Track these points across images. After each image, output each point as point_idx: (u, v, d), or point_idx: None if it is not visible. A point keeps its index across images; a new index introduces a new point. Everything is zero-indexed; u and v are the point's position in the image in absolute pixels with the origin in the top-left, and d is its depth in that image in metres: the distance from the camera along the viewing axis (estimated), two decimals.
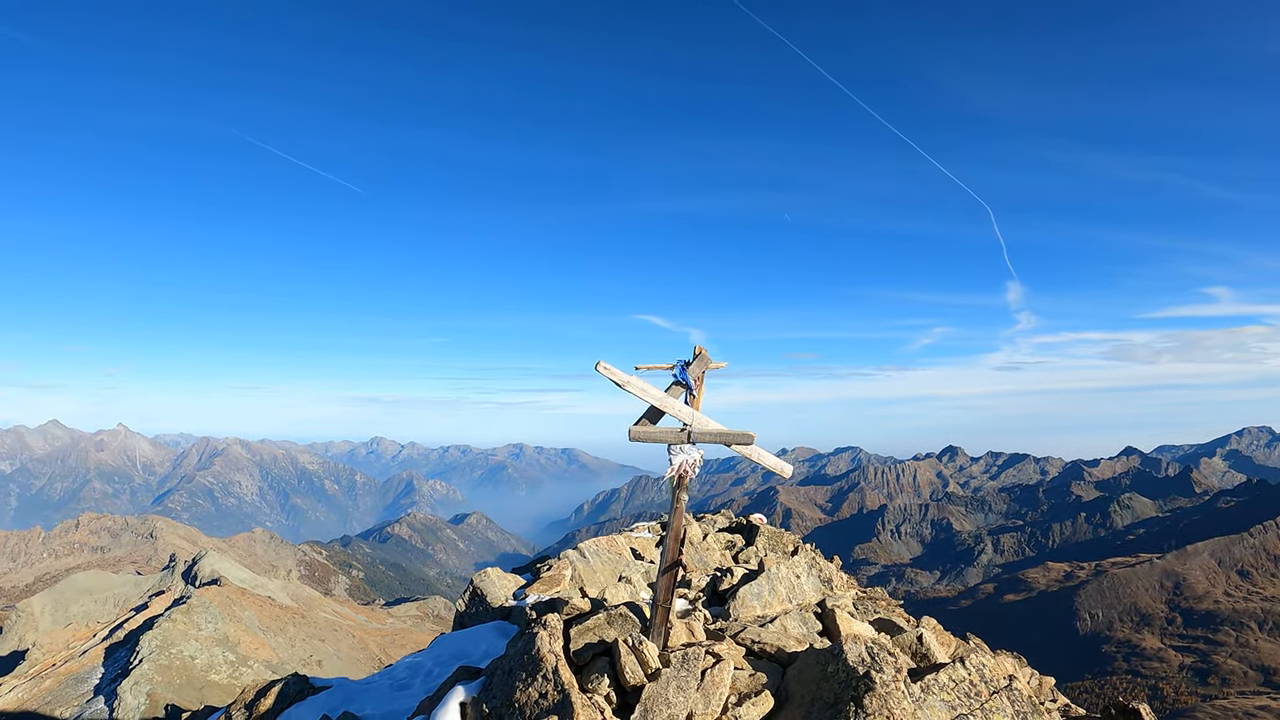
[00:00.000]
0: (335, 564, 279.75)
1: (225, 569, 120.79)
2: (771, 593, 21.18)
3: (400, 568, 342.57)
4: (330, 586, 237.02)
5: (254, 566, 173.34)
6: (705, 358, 15.81)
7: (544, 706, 13.37)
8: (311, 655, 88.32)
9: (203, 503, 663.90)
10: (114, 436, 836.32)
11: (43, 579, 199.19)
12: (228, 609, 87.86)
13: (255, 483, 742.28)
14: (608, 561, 31.89)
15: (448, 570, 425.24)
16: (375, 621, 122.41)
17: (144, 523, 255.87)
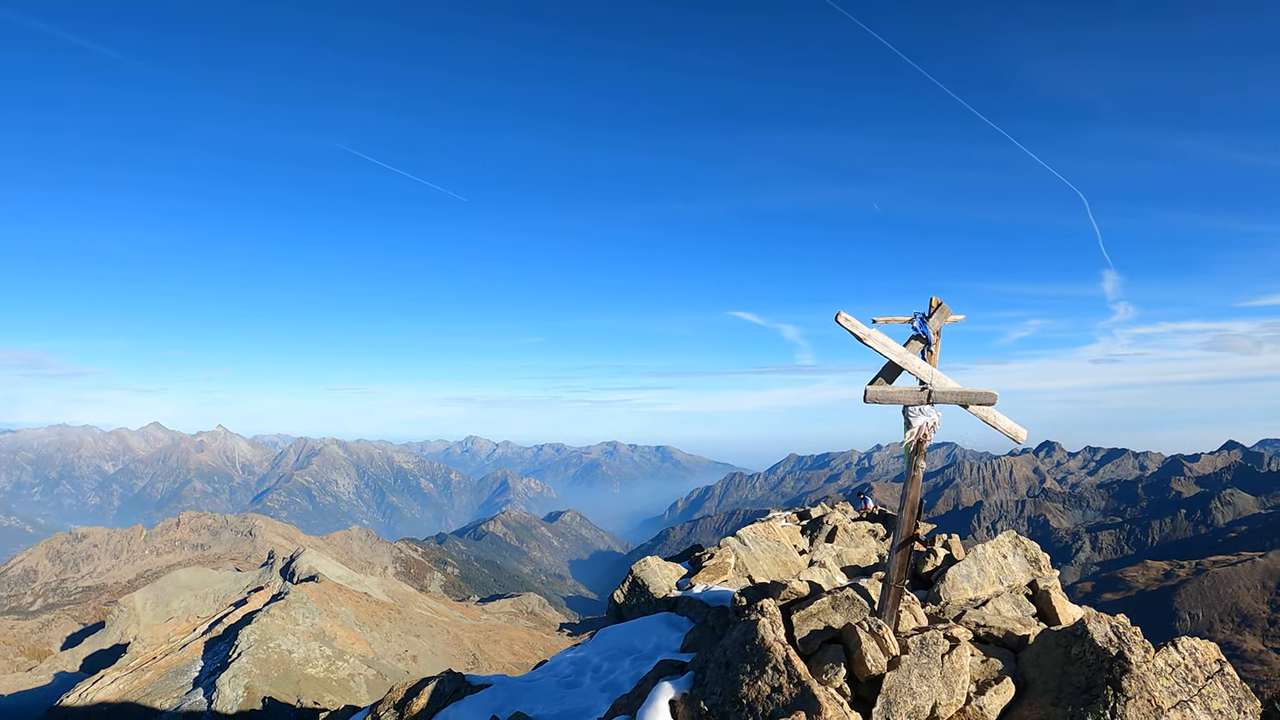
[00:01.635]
0: (430, 561, 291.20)
1: (322, 566, 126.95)
2: (981, 574, 20.94)
3: (495, 565, 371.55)
4: (425, 583, 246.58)
5: (350, 563, 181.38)
6: (944, 310, 15.21)
7: (780, 702, 12.67)
8: (406, 650, 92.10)
9: (300, 501, 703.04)
10: (214, 438, 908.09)
11: (144, 575, 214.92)
12: (325, 604, 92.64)
13: (352, 482, 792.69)
14: (767, 549, 32.84)
15: (542, 567, 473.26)
16: (470, 617, 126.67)
17: (243, 521, 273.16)
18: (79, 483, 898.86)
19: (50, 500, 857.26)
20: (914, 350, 14.72)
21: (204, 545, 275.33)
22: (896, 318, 14.88)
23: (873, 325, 14.19)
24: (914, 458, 14.96)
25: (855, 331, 13.98)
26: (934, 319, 15.04)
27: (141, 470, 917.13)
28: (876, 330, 14.16)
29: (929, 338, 14.87)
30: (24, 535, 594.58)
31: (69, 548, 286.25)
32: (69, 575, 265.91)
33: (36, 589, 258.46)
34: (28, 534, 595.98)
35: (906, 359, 14.42)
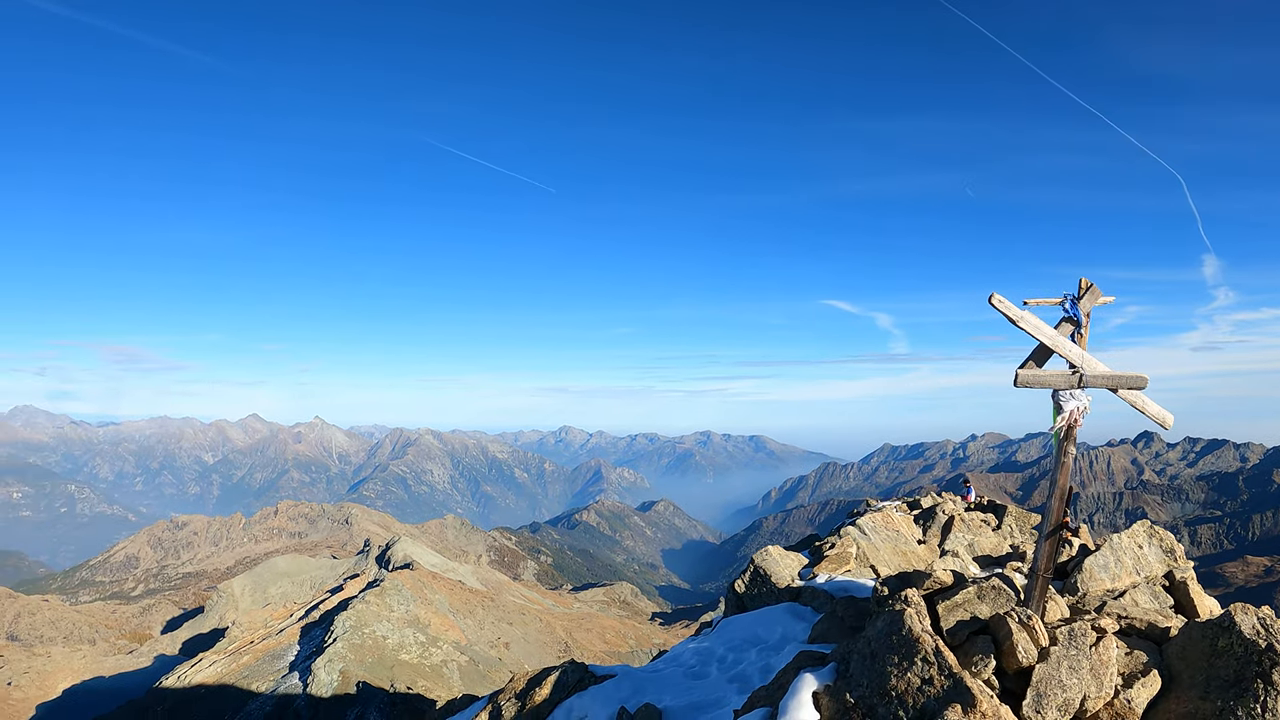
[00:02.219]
0: (524, 549, 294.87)
1: (417, 554, 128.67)
2: (1118, 564, 20.49)
3: (588, 554, 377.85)
4: (519, 571, 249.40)
5: (445, 552, 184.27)
6: (1095, 292, 15.14)
7: (930, 694, 12.42)
8: (499, 637, 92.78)
9: (396, 490, 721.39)
10: (311, 429, 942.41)
11: (243, 562, 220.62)
12: (419, 592, 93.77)
13: (447, 471, 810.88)
14: (887, 539, 32.82)
15: (634, 556, 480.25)
16: (562, 606, 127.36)
17: (340, 510, 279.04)
18: (179, 473, 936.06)
19: (152, 490, 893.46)
20: (1064, 333, 14.67)
21: (301, 533, 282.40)
22: (1047, 299, 14.87)
23: (1024, 307, 14.19)
24: (1064, 444, 14.75)
25: (1008, 314, 13.98)
26: (1084, 301, 14.92)
27: (240, 461, 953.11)
28: (1028, 313, 14.16)
29: (1080, 319, 14.79)
30: (126, 523, 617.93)
31: (170, 535, 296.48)
32: (169, 562, 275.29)
33: (138, 575, 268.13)
34: (130, 522, 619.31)
35: (1058, 342, 14.36)
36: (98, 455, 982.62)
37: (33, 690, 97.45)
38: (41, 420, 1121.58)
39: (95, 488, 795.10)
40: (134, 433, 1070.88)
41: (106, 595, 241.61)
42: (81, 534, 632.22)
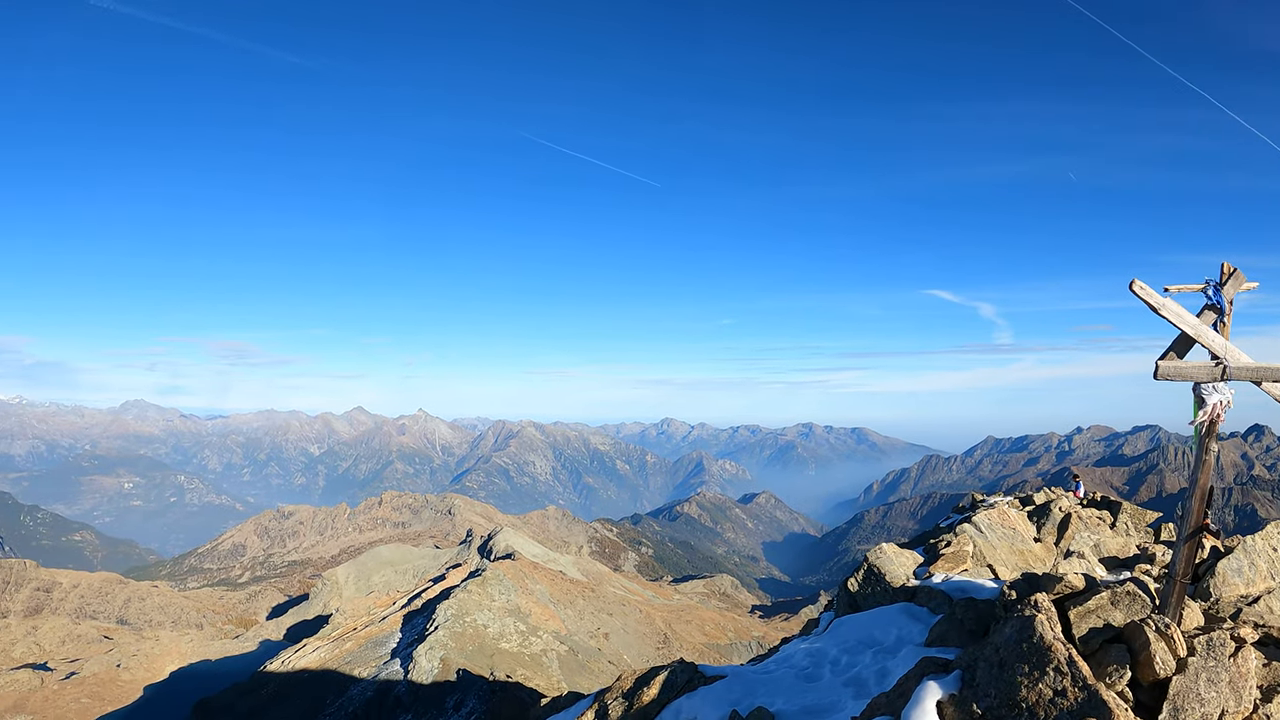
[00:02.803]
0: (625, 541, 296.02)
1: (519, 544, 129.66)
2: (1251, 568, 19.78)
3: (689, 545, 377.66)
4: (620, 563, 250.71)
5: (546, 542, 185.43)
6: (1239, 277, 14.42)
7: (1064, 707, 11.83)
8: (599, 628, 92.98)
9: (498, 482, 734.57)
10: (414, 421, 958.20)
11: (347, 551, 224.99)
12: (520, 581, 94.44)
13: (549, 463, 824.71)
14: (1003, 537, 32.18)
15: (735, 549, 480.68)
16: (662, 597, 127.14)
17: (442, 500, 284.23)
18: (286, 464, 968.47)
19: (259, 480, 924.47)
20: (1207, 321, 13.98)
21: (404, 523, 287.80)
22: (1189, 285, 14.25)
23: (1165, 294, 13.65)
24: (1205, 440, 14.14)
25: (1149, 301, 13.50)
26: (1228, 287, 14.21)
27: (345, 452, 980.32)
28: (1171, 300, 13.61)
29: (1223, 307, 14.11)
30: (234, 513, 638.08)
31: (276, 524, 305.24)
32: (275, 550, 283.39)
33: (245, 562, 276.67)
34: (237, 512, 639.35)
35: (1201, 332, 13.74)
36: (206, 447, 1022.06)
37: (140, 672, 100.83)
38: (152, 414, 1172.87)
39: (204, 478, 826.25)
40: (241, 425, 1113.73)
41: (214, 582, 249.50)
42: (190, 523, 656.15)
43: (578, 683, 79.04)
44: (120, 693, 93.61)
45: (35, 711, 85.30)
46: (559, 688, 74.83)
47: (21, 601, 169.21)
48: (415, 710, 74.80)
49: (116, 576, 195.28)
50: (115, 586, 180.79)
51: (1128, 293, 13.34)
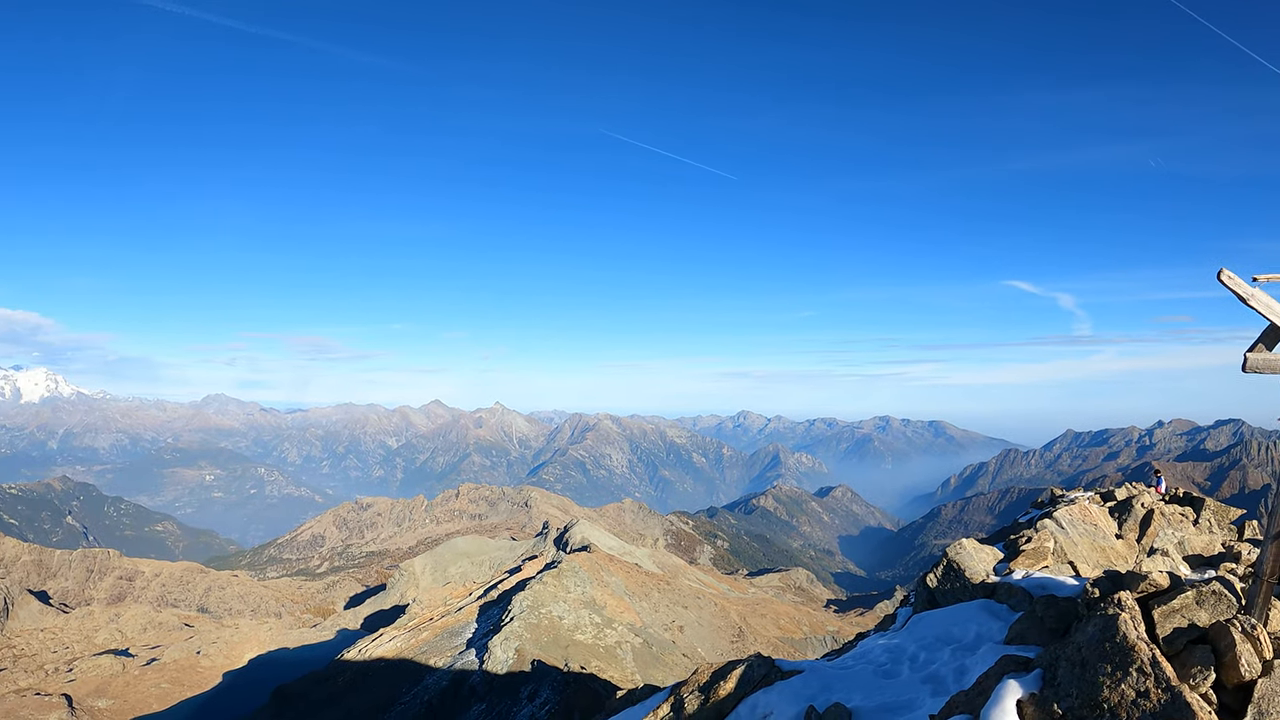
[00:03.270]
0: (701, 534, 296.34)
1: (595, 536, 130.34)
2: None
3: (764, 539, 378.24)
4: (695, 555, 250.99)
5: (622, 535, 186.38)
6: None
7: (1146, 709, 11.52)
8: (674, 621, 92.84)
9: (575, 474, 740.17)
10: (491, 414, 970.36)
11: (424, 542, 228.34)
12: (596, 574, 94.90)
13: (625, 456, 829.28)
14: (1084, 533, 31.77)
15: (811, 542, 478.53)
16: (737, 591, 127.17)
17: (519, 493, 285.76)
18: (364, 456, 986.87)
19: (338, 473, 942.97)
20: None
21: (481, 515, 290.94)
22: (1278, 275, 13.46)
23: (1254, 284, 13.15)
24: None
25: (1238, 291, 13.05)
26: None
27: (423, 445, 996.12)
28: (1260, 290, 13.15)
29: None
30: (313, 504, 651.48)
31: (354, 516, 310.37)
32: (354, 541, 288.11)
33: (323, 553, 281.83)
34: (316, 503, 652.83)
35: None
36: (286, 440, 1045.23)
37: (220, 659, 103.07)
38: (233, 408, 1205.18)
39: (283, 471, 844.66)
40: (321, 418, 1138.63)
41: (293, 572, 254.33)
42: (270, 514, 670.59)
43: (651, 675, 79.11)
44: (200, 679, 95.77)
45: (117, 696, 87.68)
46: (633, 680, 74.96)
47: (105, 590, 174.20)
48: (490, 700, 75.44)
49: (197, 566, 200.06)
50: (196, 576, 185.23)
51: (1209, 282, 12.88)
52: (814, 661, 22.58)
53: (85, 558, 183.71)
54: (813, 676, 19.72)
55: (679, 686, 22.44)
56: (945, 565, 26.41)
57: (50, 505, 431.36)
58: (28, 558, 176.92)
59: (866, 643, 23.68)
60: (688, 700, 21.08)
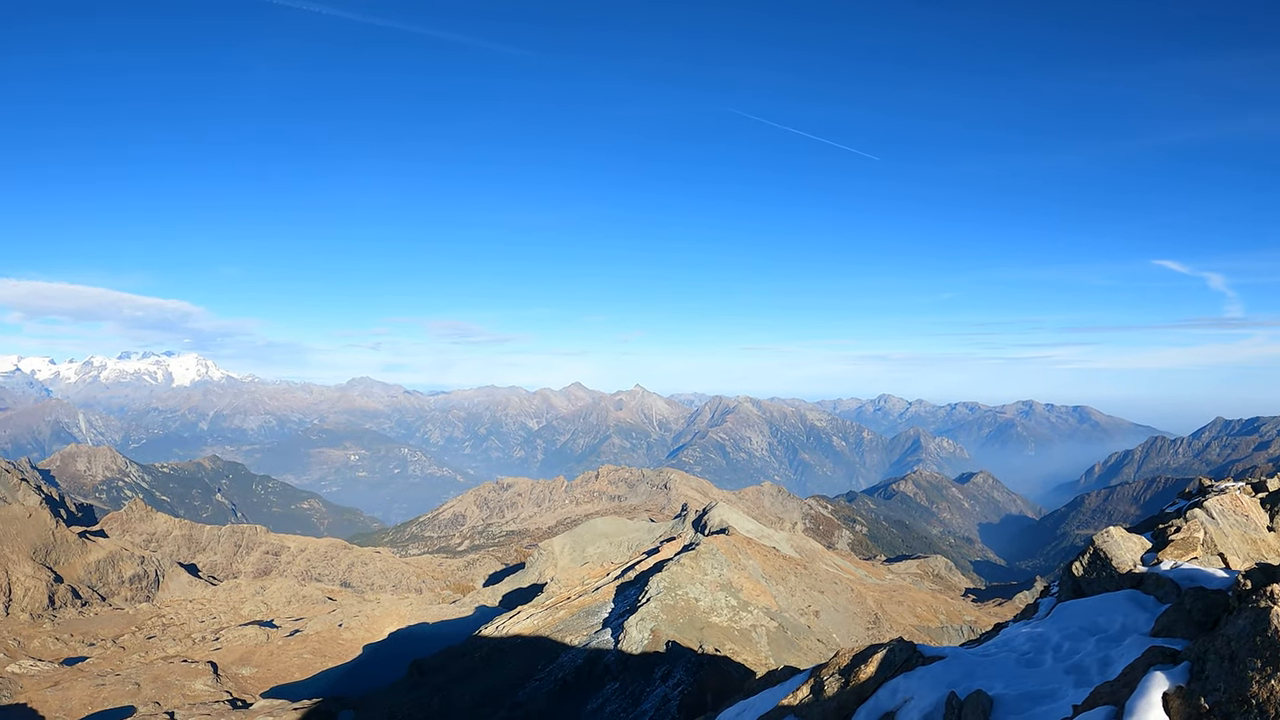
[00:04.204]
0: (839, 518, 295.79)
1: (733, 519, 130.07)
2: None
3: (903, 525, 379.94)
4: (833, 540, 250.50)
5: (760, 518, 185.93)
6: None
7: None
8: (809, 606, 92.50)
9: (714, 457, 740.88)
10: (631, 396, 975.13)
11: (563, 522, 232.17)
12: (733, 556, 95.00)
13: (764, 439, 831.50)
14: (1235, 524, 29.43)
15: (950, 529, 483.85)
16: (875, 577, 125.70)
17: (658, 475, 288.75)
18: (505, 438, 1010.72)
19: (479, 453, 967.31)
20: None
21: (620, 497, 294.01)
22: None
23: None
24: None
25: None
26: None
27: (563, 427, 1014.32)
28: None
29: None
30: (454, 484, 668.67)
31: (495, 496, 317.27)
32: (494, 520, 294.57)
33: (464, 531, 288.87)
34: (458, 483, 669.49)
35: None
36: (429, 421, 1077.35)
37: (361, 632, 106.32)
38: (377, 390, 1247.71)
39: (426, 451, 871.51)
40: (463, 400, 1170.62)
41: (434, 549, 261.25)
42: (412, 493, 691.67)
43: (785, 659, 78.69)
44: (341, 650, 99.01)
45: (260, 665, 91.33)
46: (766, 663, 74.75)
47: (252, 563, 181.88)
48: (623, 679, 76.06)
49: (341, 542, 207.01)
50: (340, 551, 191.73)
51: None
52: (956, 648, 22.29)
53: (233, 533, 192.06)
54: (954, 663, 19.68)
55: (819, 669, 22.64)
56: (1092, 553, 25.34)
57: (201, 483, 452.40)
58: (178, 532, 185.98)
59: (1009, 631, 23.46)
60: (827, 683, 21.34)
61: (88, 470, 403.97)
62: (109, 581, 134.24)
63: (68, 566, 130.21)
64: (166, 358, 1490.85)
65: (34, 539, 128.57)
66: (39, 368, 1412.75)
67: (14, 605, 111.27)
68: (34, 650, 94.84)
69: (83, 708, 71.37)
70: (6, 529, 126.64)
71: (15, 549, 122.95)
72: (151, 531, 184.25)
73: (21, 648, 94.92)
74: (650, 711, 65.08)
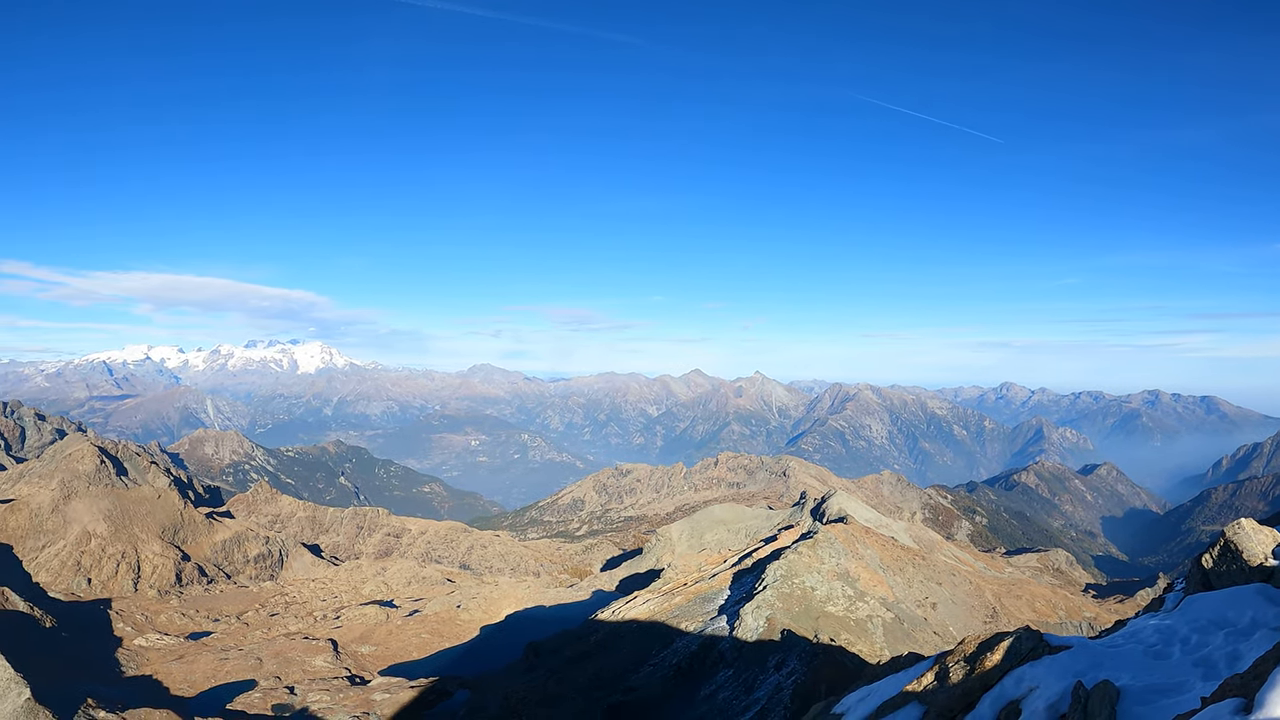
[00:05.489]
0: (959, 509, 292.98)
1: (851, 508, 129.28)
2: None
3: (1024, 517, 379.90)
4: (952, 531, 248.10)
5: (879, 507, 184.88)
6: None
7: None
8: (926, 597, 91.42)
9: (833, 445, 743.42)
10: (751, 384, 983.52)
11: (681, 509, 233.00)
12: (850, 546, 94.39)
13: (884, 427, 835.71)
14: None
15: (1072, 523, 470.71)
16: (993, 569, 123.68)
17: (777, 462, 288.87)
18: (625, 424, 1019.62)
19: (599, 439, 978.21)
20: None
21: (739, 484, 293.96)
22: None
23: None
24: None
25: None
26: None
27: (683, 414, 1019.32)
28: None
29: None
30: (574, 470, 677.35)
31: (614, 482, 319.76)
32: (612, 506, 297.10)
33: (583, 516, 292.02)
34: (577, 469, 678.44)
35: None
36: (548, 408, 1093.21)
37: (478, 613, 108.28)
38: (498, 377, 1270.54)
39: (546, 437, 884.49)
40: (582, 387, 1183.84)
41: (552, 534, 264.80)
42: (532, 478, 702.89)
43: (900, 651, 77.58)
44: (458, 630, 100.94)
45: (379, 643, 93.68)
46: (881, 655, 73.95)
47: (374, 545, 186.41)
48: (737, 667, 76.00)
49: (461, 525, 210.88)
50: (459, 534, 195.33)
51: None
52: (1082, 638, 22.02)
53: (356, 515, 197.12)
54: (1081, 653, 19.53)
55: (944, 655, 22.68)
56: (1222, 546, 24.77)
57: (325, 467, 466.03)
58: (303, 514, 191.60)
59: (1136, 623, 23.41)
60: (952, 670, 21.34)
61: (215, 454, 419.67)
62: (234, 560, 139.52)
63: (195, 546, 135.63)
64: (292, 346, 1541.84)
65: (163, 519, 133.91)
66: (168, 356, 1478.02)
67: (143, 582, 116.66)
68: (161, 625, 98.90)
69: (206, 680, 74.14)
70: (137, 509, 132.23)
71: (145, 529, 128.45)
72: (276, 513, 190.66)
73: (149, 622, 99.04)
74: (763, 700, 64.93)
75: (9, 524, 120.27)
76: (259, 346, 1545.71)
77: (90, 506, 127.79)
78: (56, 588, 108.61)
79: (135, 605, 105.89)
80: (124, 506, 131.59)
